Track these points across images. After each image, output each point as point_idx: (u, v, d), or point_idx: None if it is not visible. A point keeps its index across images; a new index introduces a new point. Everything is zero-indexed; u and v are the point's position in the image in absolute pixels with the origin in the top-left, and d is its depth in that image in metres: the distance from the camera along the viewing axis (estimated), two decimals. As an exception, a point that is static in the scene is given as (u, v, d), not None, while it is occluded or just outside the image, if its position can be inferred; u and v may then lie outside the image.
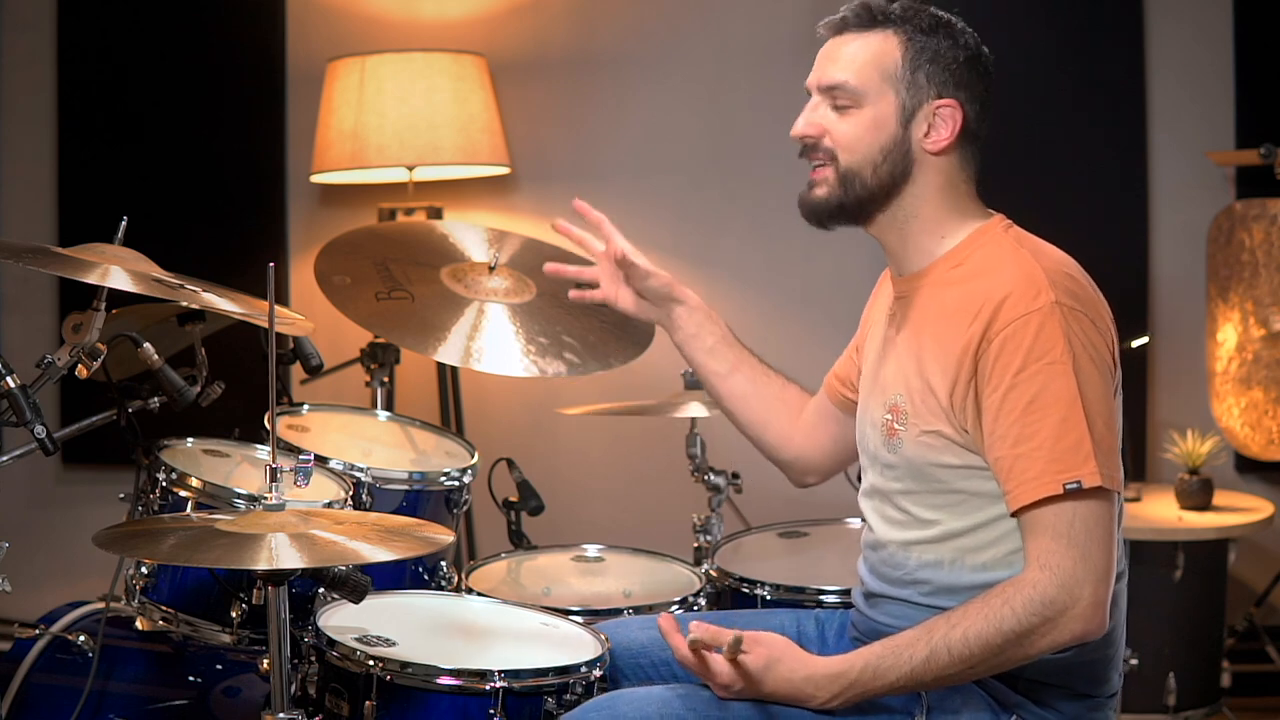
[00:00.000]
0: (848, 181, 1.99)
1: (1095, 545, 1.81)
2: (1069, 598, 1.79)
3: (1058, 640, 1.81)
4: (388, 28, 4.11)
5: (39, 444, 2.16)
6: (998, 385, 1.84)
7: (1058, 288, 1.86)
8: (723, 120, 4.08)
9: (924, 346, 1.95)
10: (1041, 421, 1.81)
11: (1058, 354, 1.82)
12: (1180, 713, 3.51)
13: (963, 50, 1.97)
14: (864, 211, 2.01)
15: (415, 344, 2.95)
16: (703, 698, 1.95)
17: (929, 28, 1.97)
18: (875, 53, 1.97)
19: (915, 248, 2.02)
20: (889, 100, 1.97)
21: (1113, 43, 3.92)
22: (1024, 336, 1.83)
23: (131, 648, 2.60)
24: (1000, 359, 1.84)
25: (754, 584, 2.63)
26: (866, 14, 1.99)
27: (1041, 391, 1.82)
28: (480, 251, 3.19)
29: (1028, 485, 1.82)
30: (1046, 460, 1.80)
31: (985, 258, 1.95)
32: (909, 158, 1.98)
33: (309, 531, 1.88)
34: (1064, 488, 1.79)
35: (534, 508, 3.00)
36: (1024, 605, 1.80)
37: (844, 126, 1.99)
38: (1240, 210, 3.73)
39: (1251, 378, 3.71)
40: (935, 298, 1.98)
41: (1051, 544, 1.80)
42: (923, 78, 1.96)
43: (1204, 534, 3.50)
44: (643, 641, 2.19)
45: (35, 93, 4.18)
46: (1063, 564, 1.79)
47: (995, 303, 1.86)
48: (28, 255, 2.18)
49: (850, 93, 1.98)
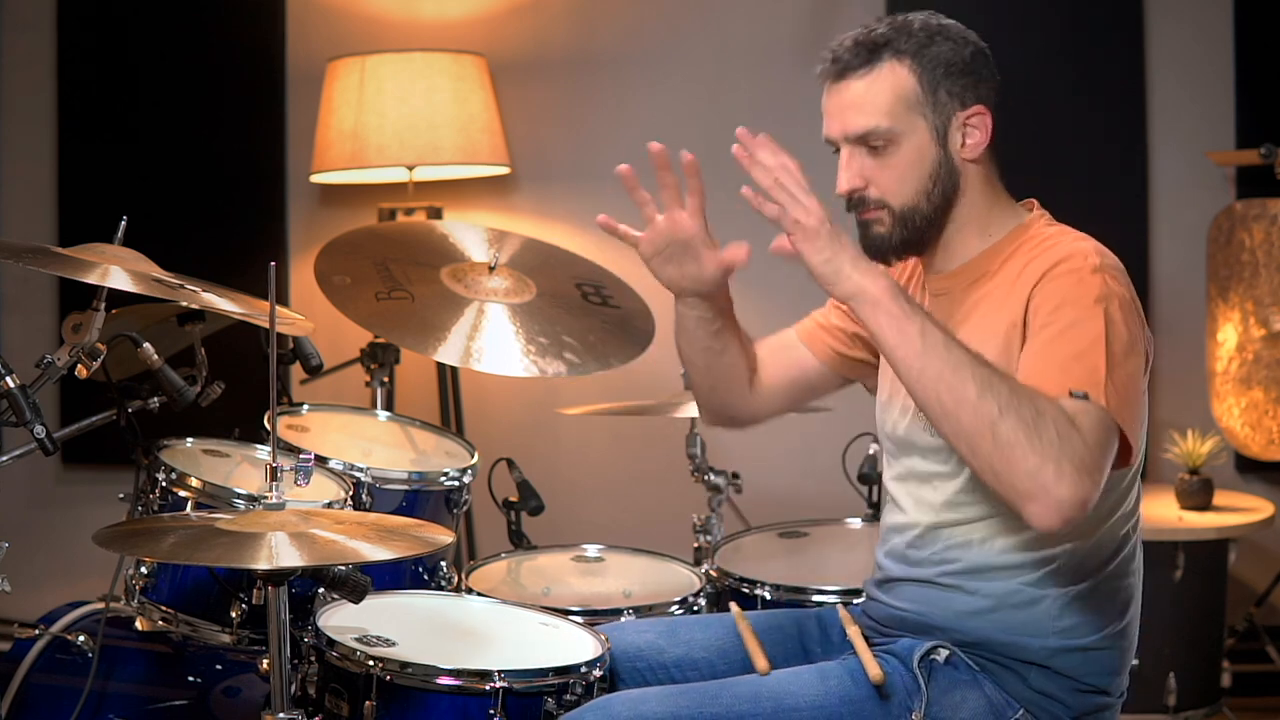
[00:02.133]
0: (906, 219, 1.99)
1: (1105, 461, 1.76)
2: (1081, 462, 1.71)
3: (1040, 478, 1.71)
4: (388, 28, 4.11)
5: (39, 444, 2.16)
6: (1033, 325, 1.85)
7: (1107, 264, 1.88)
8: (723, 120, 4.04)
9: (975, 341, 1.90)
10: (1062, 349, 1.81)
11: (1090, 301, 1.82)
12: (1180, 713, 3.50)
13: (963, 49, 1.97)
14: (926, 238, 2.01)
15: (415, 344, 2.95)
16: (698, 697, 1.95)
17: (926, 40, 1.96)
18: (891, 86, 1.95)
19: (959, 247, 2.03)
20: (921, 128, 1.96)
21: (1113, 43, 3.92)
22: (1066, 283, 1.85)
23: (131, 648, 2.60)
24: (1042, 301, 1.85)
25: (754, 584, 2.63)
26: (863, 51, 1.96)
27: (1070, 327, 1.82)
28: (480, 251, 3.19)
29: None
30: (1058, 372, 1.78)
31: (1034, 248, 1.96)
32: (955, 172, 1.98)
33: (309, 531, 1.88)
34: (1070, 393, 1.76)
35: (534, 508, 3.00)
36: (1057, 416, 1.73)
37: (886, 172, 1.97)
38: (1240, 210, 3.73)
39: (1252, 378, 3.71)
40: (980, 290, 1.99)
41: (1076, 416, 1.75)
42: (944, 94, 1.96)
43: (1204, 534, 3.50)
44: (640, 645, 2.19)
45: (35, 93, 4.18)
46: (1091, 438, 1.73)
47: (1049, 264, 1.88)
48: (28, 255, 2.18)
49: (884, 134, 1.96)
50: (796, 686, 1.97)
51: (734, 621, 2.24)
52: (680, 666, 2.16)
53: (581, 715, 1.94)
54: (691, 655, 2.17)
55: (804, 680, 1.98)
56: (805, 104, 4.22)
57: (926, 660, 1.97)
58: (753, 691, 1.96)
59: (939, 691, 1.95)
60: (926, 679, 1.95)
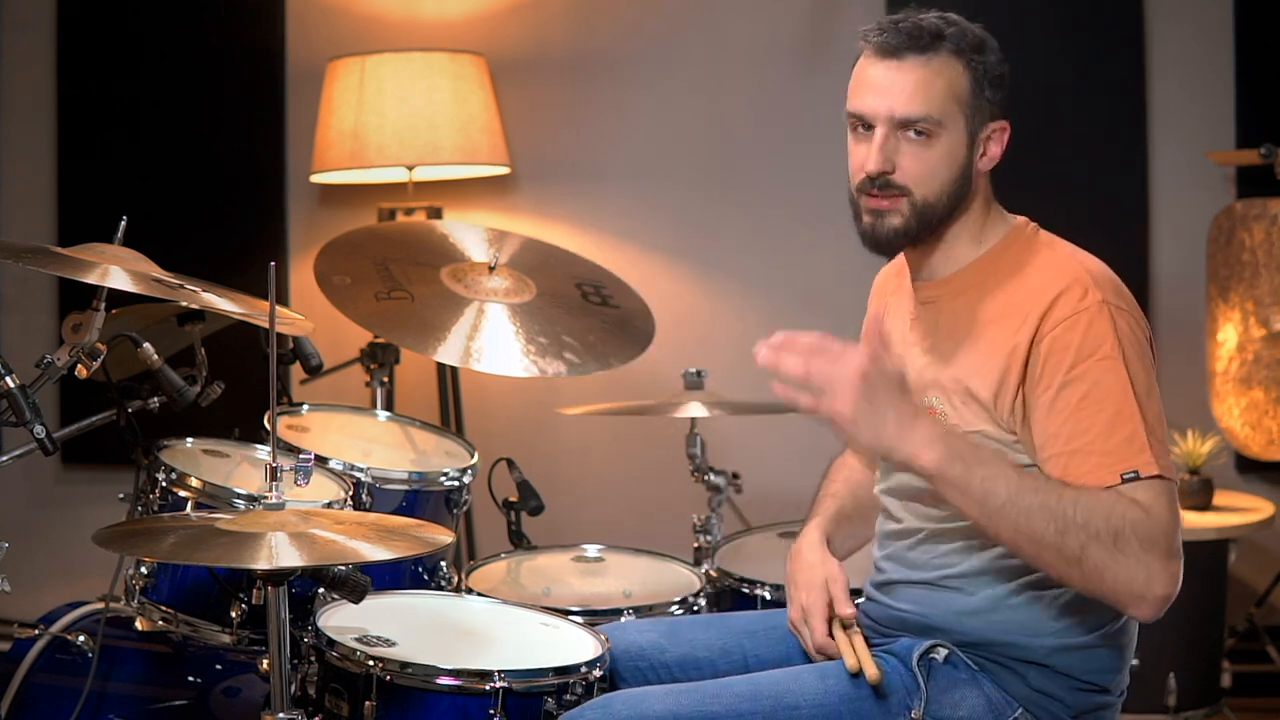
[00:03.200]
0: (924, 212, 1.96)
1: (1178, 526, 1.82)
2: (1167, 547, 1.79)
3: (1136, 581, 1.78)
4: (388, 28, 4.11)
5: (39, 444, 2.16)
6: (1049, 384, 1.84)
7: (1103, 287, 1.87)
8: (723, 120, 4.08)
9: (963, 350, 1.94)
10: (1095, 417, 1.82)
11: (1108, 349, 1.83)
12: (1180, 713, 3.50)
13: (999, 65, 1.97)
14: (929, 237, 2.00)
15: (415, 344, 2.95)
16: (698, 695, 1.95)
17: (979, 44, 1.96)
18: (948, 80, 1.94)
19: (950, 255, 2.01)
20: (960, 127, 1.95)
21: (1113, 43, 3.92)
22: (1074, 335, 1.84)
23: (131, 648, 2.60)
24: (1051, 358, 1.85)
25: (754, 584, 2.63)
26: (925, 36, 1.94)
27: (1093, 388, 1.82)
28: (480, 251, 3.19)
29: (1084, 480, 1.81)
30: (1101, 455, 1.81)
31: (1024, 261, 1.95)
32: (971, 179, 1.98)
33: (309, 531, 1.88)
34: (1121, 478, 1.79)
35: (534, 508, 3.00)
36: (1134, 520, 1.77)
37: (919, 162, 1.95)
38: (1240, 210, 3.73)
39: (1252, 378, 3.71)
40: (973, 303, 1.97)
41: (1146, 505, 1.79)
42: (985, 101, 1.96)
43: (1204, 534, 3.50)
44: (642, 645, 2.19)
45: (35, 93, 4.18)
46: (1162, 518, 1.79)
47: (1045, 304, 1.87)
48: (28, 255, 2.18)
49: (932, 124, 1.94)
50: (796, 685, 1.97)
51: (735, 622, 2.24)
52: (682, 666, 2.16)
53: (582, 714, 1.94)
54: (694, 655, 2.17)
55: (803, 679, 1.99)
56: (805, 104, 4.25)
57: (925, 659, 1.97)
58: (752, 690, 1.96)
59: (938, 690, 1.95)
60: (925, 678, 1.95)
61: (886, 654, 2.01)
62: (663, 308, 3.34)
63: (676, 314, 3.83)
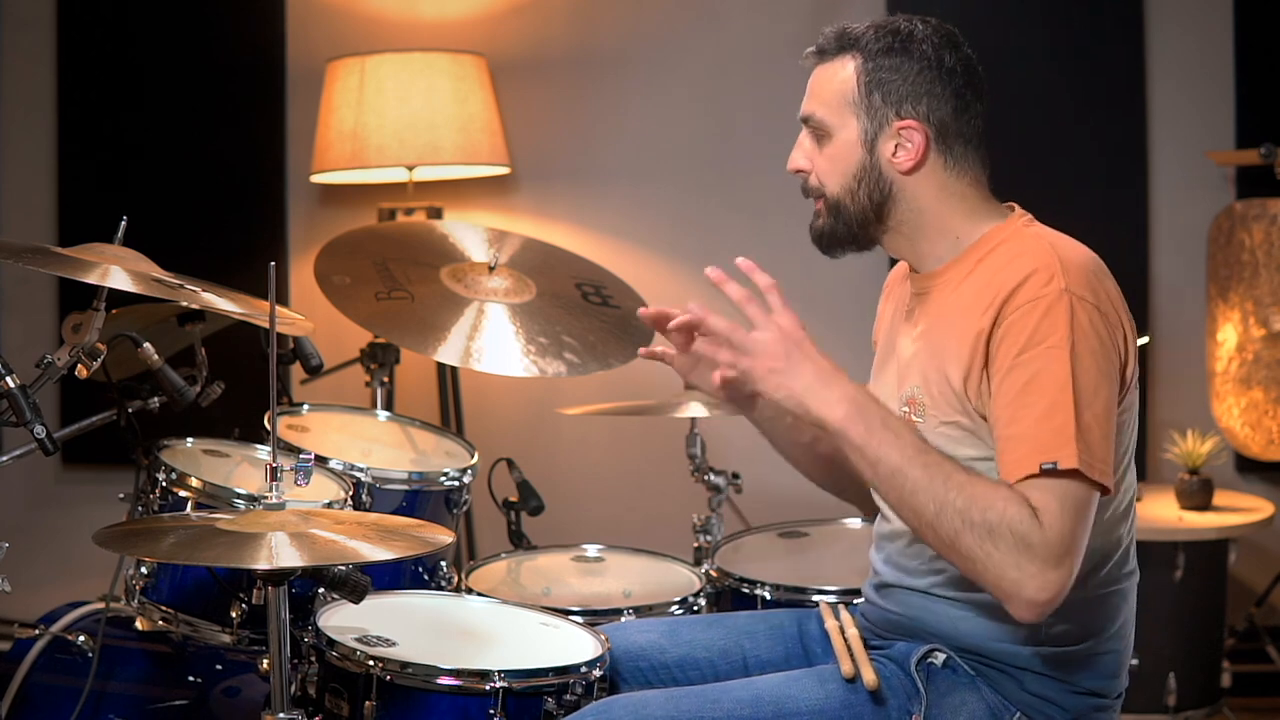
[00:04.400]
0: (835, 212, 2.04)
1: (1080, 530, 1.79)
2: (1045, 555, 1.76)
3: (1007, 578, 1.77)
4: (388, 28, 4.11)
5: (39, 444, 2.16)
6: (1000, 367, 1.86)
7: (1070, 276, 1.86)
8: (723, 120, 4.08)
9: (943, 339, 1.96)
10: (1033, 406, 1.82)
11: (1057, 339, 1.83)
12: (1180, 713, 3.51)
13: (918, 63, 1.97)
14: (862, 236, 2.05)
15: (415, 344, 2.95)
16: (698, 700, 1.95)
17: (885, 48, 1.98)
18: (837, 80, 2.01)
19: (928, 253, 2.03)
20: (852, 127, 2.00)
21: (1113, 43, 3.93)
22: (1029, 320, 1.85)
23: (131, 648, 2.61)
24: (1005, 341, 1.86)
25: (754, 584, 2.63)
26: (835, 41, 2.03)
27: (1036, 375, 1.83)
28: (480, 251, 3.19)
29: (1012, 465, 1.82)
30: (1031, 442, 1.81)
31: (1007, 249, 1.96)
32: (884, 180, 2.00)
33: (309, 531, 1.88)
34: (1040, 467, 1.79)
35: (534, 508, 3.00)
36: (1014, 519, 1.77)
37: (821, 160, 2.03)
38: (1240, 210, 3.73)
39: (1251, 378, 3.71)
40: (953, 292, 1.99)
41: (1042, 510, 1.79)
42: (878, 99, 1.98)
43: (1204, 534, 3.50)
44: (643, 645, 2.19)
45: (35, 93, 4.18)
46: (1052, 531, 1.77)
47: (1009, 289, 1.87)
48: (28, 255, 2.18)
49: (819, 123, 2.02)
50: (796, 690, 1.97)
51: (734, 622, 2.24)
52: (682, 667, 2.17)
53: (583, 717, 1.94)
54: (693, 655, 2.18)
55: (803, 684, 1.98)
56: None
57: (924, 663, 1.97)
58: (753, 695, 1.96)
59: (938, 694, 1.95)
60: (925, 682, 1.96)
61: (884, 659, 2.01)
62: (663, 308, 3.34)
63: (676, 314, 3.83)
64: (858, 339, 4.06)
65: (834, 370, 1.89)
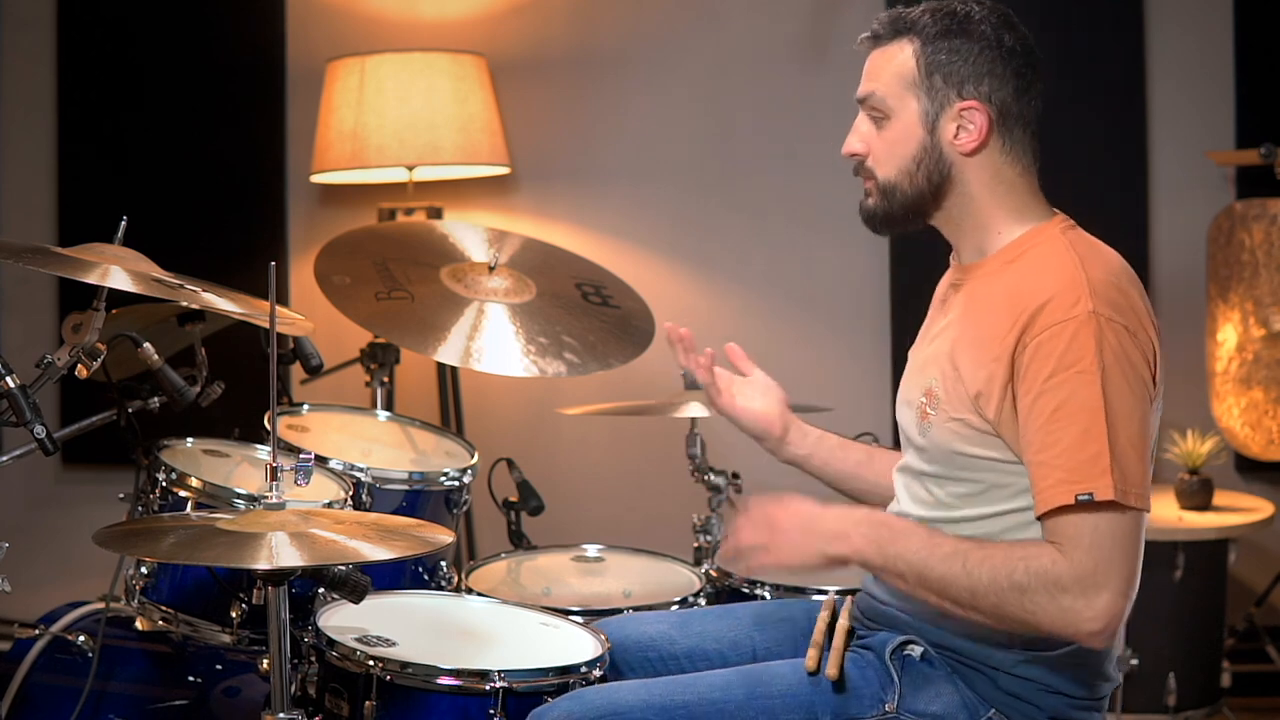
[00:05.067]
0: (889, 193, 2.02)
1: (1117, 554, 1.80)
2: (1079, 589, 1.78)
3: (1056, 621, 1.80)
4: (388, 28, 4.11)
5: (39, 444, 2.16)
6: (1029, 390, 1.85)
7: (1098, 297, 1.85)
8: (723, 120, 4.08)
9: (962, 335, 1.97)
10: (1064, 430, 1.81)
11: (1087, 363, 1.82)
12: (1180, 713, 3.50)
13: (979, 43, 1.97)
14: (913, 218, 2.04)
15: (415, 344, 2.95)
16: (671, 685, 1.97)
17: (944, 30, 1.98)
18: (896, 62, 2.00)
19: (971, 243, 2.04)
20: (912, 108, 1.99)
21: (1113, 43, 3.92)
22: (1057, 343, 1.84)
23: (131, 648, 2.61)
24: (1033, 364, 1.85)
25: (754, 584, 2.63)
26: (890, 24, 2.02)
27: (1068, 400, 1.82)
28: (480, 251, 3.19)
29: (1045, 494, 1.82)
30: (1064, 471, 1.81)
31: (1036, 257, 1.95)
32: (944, 161, 1.99)
33: (309, 531, 1.88)
34: (1076, 499, 1.79)
35: (534, 508, 3.00)
36: (1038, 570, 1.80)
37: (879, 142, 2.02)
38: (1240, 210, 3.73)
39: (1251, 378, 3.71)
40: (982, 290, 1.99)
41: (1070, 545, 1.80)
42: (939, 81, 1.97)
43: (1204, 534, 3.50)
44: (653, 635, 2.21)
45: (35, 93, 4.18)
46: (1083, 562, 1.79)
47: (1034, 307, 1.87)
48: (28, 255, 2.18)
49: (878, 103, 2.01)
50: (769, 675, 2.00)
51: (744, 612, 2.24)
52: (691, 658, 2.18)
53: (556, 705, 1.96)
54: (703, 647, 2.19)
55: (778, 670, 2.01)
56: (805, 104, 4.24)
57: (899, 653, 1.99)
58: (725, 680, 1.99)
59: (912, 685, 1.97)
60: (900, 672, 1.97)
61: (861, 648, 2.03)
62: (663, 308, 3.34)
63: (676, 314, 3.80)
64: (858, 339, 4.08)
65: (816, 513, 1.94)
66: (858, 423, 2.95)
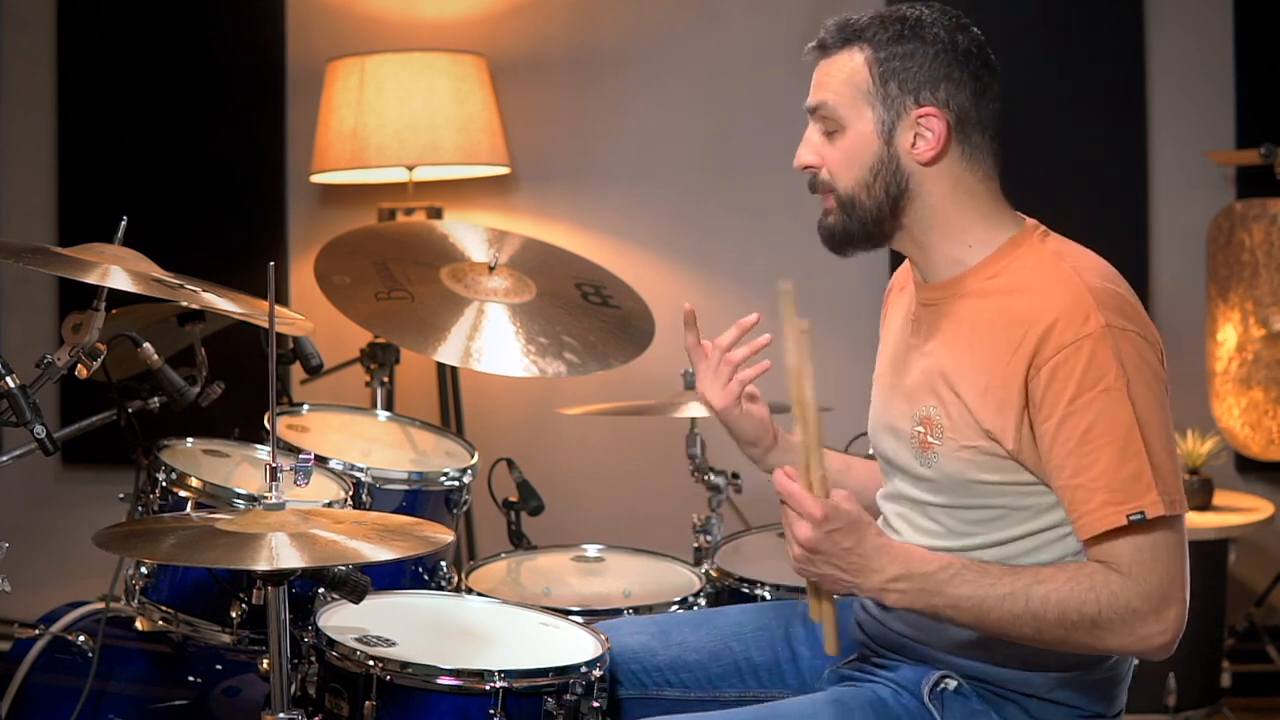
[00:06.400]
0: (848, 207, 1.95)
1: (1175, 564, 1.80)
2: (1151, 610, 1.78)
3: (1129, 646, 1.81)
4: (388, 28, 4.11)
5: (39, 444, 2.16)
6: (1051, 414, 1.80)
7: (1106, 308, 1.80)
8: (723, 121, 4.08)
9: (959, 361, 1.90)
10: (1099, 452, 1.78)
11: (1111, 380, 1.78)
12: (1180, 713, 3.50)
13: (933, 47, 1.90)
14: (875, 234, 1.96)
15: (415, 344, 2.95)
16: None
17: (895, 35, 1.91)
18: (847, 70, 1.92)
19: (941, 257, 1.96)
20: (867, 118, 1.91)
21: (1113, 43, 3.93)
22: (1075, 363, 1.78)
23: (131, 648, 2.60)
24: (1052, 387, 1.80)
25: (754, 584, 2.63)
26: (839, 32, 1.94)
27: (1097, 420, 1.78)
28: (480, 251, 3.19)
29: (1090, 518, 1.78)
30: (1107, 492, 1.77)
31: (1025, 271, 1.89)
32: (902, 173, 1.92)
33: (309, 531, 1.88)
34: (1128, 519, 1.77)
35: (534, 508, 3.00)
36: (1109, 600, 1.78)
37: (833, 154, 1.95)
38: (1240, 210, 3.73)
39: (1251, 378, 3.71)
40: (971, 310, 1.92)
41: (1133, 567, 1.79)
42: (894, 88, 1.90)
43: (1204, 534, 3.50)
44: (634, 647, 2.19)
45: (35, 93, 4.18)
46: (1149, 580, 1.78)
47: (1042, 328, 1.81)
48: (28, 255, 2.18)
49: (830, 113, 1.93)
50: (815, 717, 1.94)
51: (724, 621, 2.23)
52: (674, 669, 2.17)
53: None
54: (684, 659, 2.17)
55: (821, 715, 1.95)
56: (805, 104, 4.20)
57: (937, 691, 1.94)
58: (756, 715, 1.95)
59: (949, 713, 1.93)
60: (940, 710, 1.93)
61: (893, 683, 1.97)
62: (663, 308, 3.34)
63: (676, 314, 3.81)
64: (858, 339, 4.06)
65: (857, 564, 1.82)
66: (857, 423, 2.93)
